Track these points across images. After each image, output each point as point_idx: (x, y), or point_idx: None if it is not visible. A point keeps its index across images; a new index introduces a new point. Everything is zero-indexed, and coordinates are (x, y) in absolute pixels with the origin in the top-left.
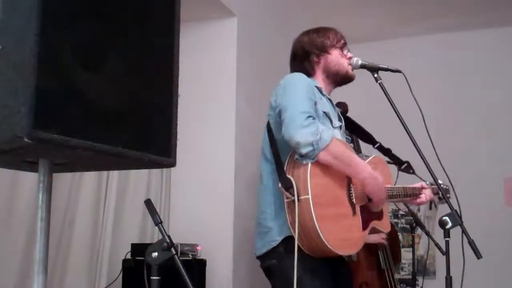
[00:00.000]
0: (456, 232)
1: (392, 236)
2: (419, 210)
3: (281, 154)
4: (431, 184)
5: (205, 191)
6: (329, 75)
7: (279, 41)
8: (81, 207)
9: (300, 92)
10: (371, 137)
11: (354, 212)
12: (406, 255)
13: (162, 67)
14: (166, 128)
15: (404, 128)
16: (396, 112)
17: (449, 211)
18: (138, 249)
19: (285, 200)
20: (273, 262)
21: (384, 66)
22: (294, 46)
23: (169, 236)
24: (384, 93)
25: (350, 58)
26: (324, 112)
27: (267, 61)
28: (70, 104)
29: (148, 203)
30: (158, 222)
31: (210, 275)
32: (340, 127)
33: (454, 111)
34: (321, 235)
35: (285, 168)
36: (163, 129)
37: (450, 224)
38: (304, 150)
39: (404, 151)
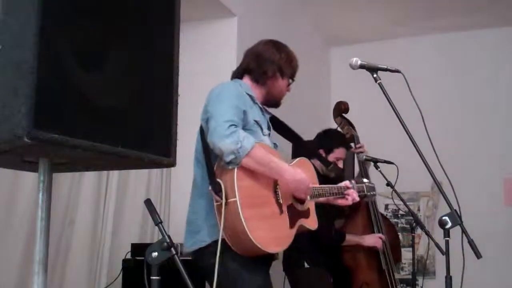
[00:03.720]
0: (456, 232)
1: (392, 235)
2: (419, 210)
3: (212, 158)
4: (356, 183)
5: None
6: (267, 94)
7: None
8: (81, 207)
9: (227, 101)
10: (298, 138)
11: (282, 211)
12: (406, 255)
13: (162, 67)
14: (166, 128)
15: (404, 128)
16: (395, 112)
17: (449, 210)
18: (138, 249)
19: (215, 204)
20: (212, 262)
21: (383, 66)
22: (262, 49)
23: (169, 236)
24: (384, 93)
25: (288, 91)
26: (255, 121)
27: None
28: (70, 104)
29: (148, 203)
30: (158, 222)
31: None
32: (269, 134)
33: (454, 111)
34: (249, 235)
35: (214, 172)
36: (163, 129)
37: (449, 224)
38: (227, 158)
39: (404, 151)
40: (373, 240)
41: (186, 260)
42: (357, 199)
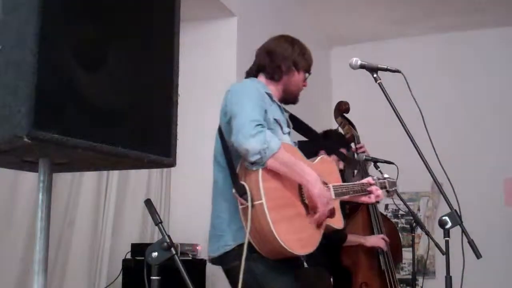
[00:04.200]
0: (456, 232)
1: (393, 235)
2: (419, 210)
3: (234, 160)
4: (378, 179)
5: (205, 191)
6: (284, 90)
7: None
8: (81, 207)
9: (250, 100)
10: (317, 136)
11: (308, 212)
12: (406, 255)
13: (162, 67)
14: (166, 128)
15: (404, 128)
16: (395, 112)
17: (449, 210)
18: (138, 249)
19: (240, 207)
20: (236, 264)
21: (384, 66)
22: (275, 45)
23: (169, 236)
24: (384, 93)
25: (304, 86)
26: (275, 119)
27: None
28: (70, 104)
29: (148, 203)
30: (158, 222)
31: (210, 275)
32: (289, 133)
33: (454, 111)
34: (278, 238)
35: (237, 174)
36: (163, 129)
37: (449, 224)
38: (252, 158)
39: (404, 151)
40: (376, 240)
41: (186, 260)
42: (382, 196)
